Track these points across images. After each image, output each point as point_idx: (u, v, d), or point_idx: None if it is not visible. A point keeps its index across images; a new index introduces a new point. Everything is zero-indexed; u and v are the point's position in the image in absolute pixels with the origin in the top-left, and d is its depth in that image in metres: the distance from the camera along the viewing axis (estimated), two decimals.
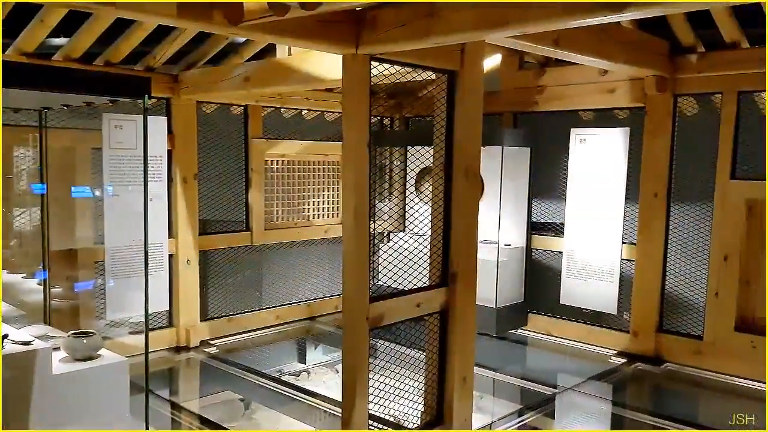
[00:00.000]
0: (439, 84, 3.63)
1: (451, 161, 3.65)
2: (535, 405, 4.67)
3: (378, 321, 3.41)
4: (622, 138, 5.54)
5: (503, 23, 2.71)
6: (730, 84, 4.88)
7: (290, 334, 6.49)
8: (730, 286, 5.02)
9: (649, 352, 5.41)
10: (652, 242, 5.36)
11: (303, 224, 6.78)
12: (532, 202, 6.29)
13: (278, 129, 6.51)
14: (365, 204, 3.30)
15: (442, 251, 3.70)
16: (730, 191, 4.99)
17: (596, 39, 4.07)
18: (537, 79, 5.90)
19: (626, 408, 4.83)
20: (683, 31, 4.79)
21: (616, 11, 2.37)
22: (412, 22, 2.94)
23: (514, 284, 6.25)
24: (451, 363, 3.72)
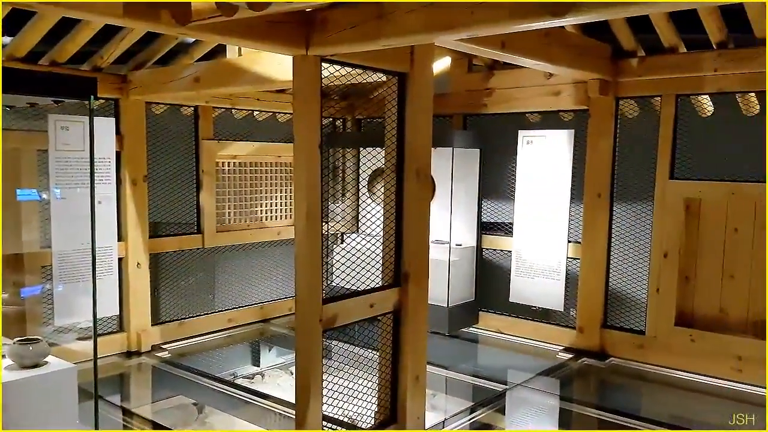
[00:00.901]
0: (390, 86, 3.66)
1: (403, 162, 3.68)
2: (487, 401, 4.75)
3: (331, 322, 3.42)
4: (567, 139, 5.69)
5: (451, 26, 2.77)
6: (669, 87, 5.06)
7: (244, 337, 6.44)
8: (670, 283, 5.20)
9: (595, 348, 5.56)
10: (596, 241, 5.52)
11: (256, 226, 6.74)
12: (482, 202, 6.41)
13: (230, 130, 6.46)
14: (317, 205, 3.30)
15: (395, 252, 3.73)
16: (669, 191, 5.17)
17: (541, 43, 4.18)
18: (485, 82, 6.02)
19: (573, 402, 4.97)
20: (624, 36, 4.96)
21: (559, 16, 2.44)
22: (362, 24, 2.97)
23: (466, 283, 6.35)
24: (404, 362, 3.76)
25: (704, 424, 4.38)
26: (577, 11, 2.41)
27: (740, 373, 4.91)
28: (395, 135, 3.67)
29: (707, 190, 5.05)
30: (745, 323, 5.03)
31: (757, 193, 4.84)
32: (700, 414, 4.66)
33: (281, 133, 6.78)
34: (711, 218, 5.15)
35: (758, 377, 4.82)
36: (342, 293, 3.58)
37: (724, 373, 4.98)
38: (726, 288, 5.11)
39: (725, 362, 4.96)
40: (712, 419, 4.52)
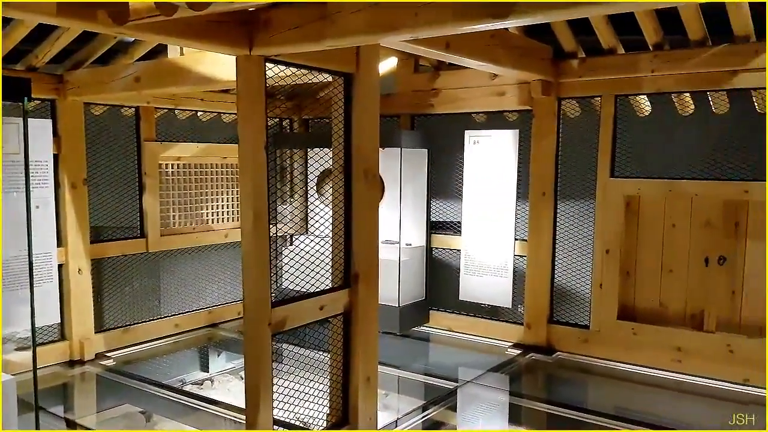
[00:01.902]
0: (336, 86, 3.66)
1: (350, 163, 3.68)
2: (438, 399, 4.78)
3: (281, 325, 3.39)
4: (512, 139, 5.79)
5: (395, 27, 2.78)
6: (608, 88, 5.19)
7: (191, 343, 6.32)
8: (612, 278, 5.35)
9: (542, 343, 5.67)
10: (542, 238, 5.63)
11: (202, 229, 6.62)
12: (431, 202, 6.46)
13: (173, 131, 6.32)
14: (264, 207, 3.27)
15: (344, 253, 3.73)
16: (609, 189, 5.31)
17: (485, 44, 4.24)
18: (432, 82, 6.06)
19: (522, 397, 5.04)
20: (565, 38, 5.07)
21: (500, 18, 2.48)
22: (306, 24, 2.95)
23: (416, 283, 6.39)
24: (355, 363, 3.76)
25: (647, 415, 4.52)
26: (518, 13, 2.45)
27: (680, 363, 5.09)
28: (342, 135, 3.67)
29: (646, 187, 5.20)
30: (683, 316, 5.23)
31: (692, 190, 5.01)
32: (642, 405, 4.80)
33: (226, 134, 6.68)
34: (650, 215, 5.32)
35: (696, 367, 5.01)
36: (292, 296, 3.55)
37: (664, 364, 5.15)
38: (665, 282, 5.29)
39: (665, 354, 5.13)
40: (655, 409, 4.67)
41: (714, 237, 5.04)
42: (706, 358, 4.97)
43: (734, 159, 4.95)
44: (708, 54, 4.65)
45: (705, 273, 5.08)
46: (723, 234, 5.00)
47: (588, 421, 4.45)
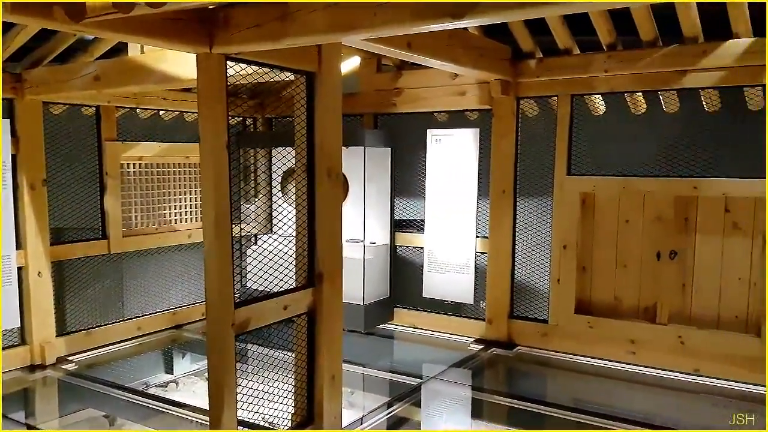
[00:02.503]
0: (298, 85, 3.68)
1: (313, 162, 3.70)
2: (403, 396, 4.83)
3: (244, 326, 3.39)
4: (472, 138, 5.88)
5: (355, 27, 2.82)
6: (564, 88, 5.30)
7: (155, 345, 6.26)
8: (570, 273, 5.46)
9: (503, 338, 5.77)
10: (502, 235, 5.72)
11: (164, 229, 6.56)
12: (395, 200, 6.51)
13: (134, 130, 6.25)
14: (226, 207, 3.27)
15: (308, 252, 3.74)
16: (566, 186, 5.42)
17: (445, 44, 4.32)
18: (394, 82, 6.13)
19: (484, 392, 5.13)
20: (523, 38, 5.17)
21: (458, 17, 2.54)
22: (266, 23, 2.98)
23: (380, 281, 6.44)
24: (319, 362, 3.78)
25: (602, 406, 4.65)
26: (475, 13, 2.51)
27: (634, 355, 5.23)
28: (305, 134, 3.68)
29: (601, 185, 5.33)
30: (636, 309, 5.38)
31: (644, 187, 5.16)
32: (599, 396, 4.94)
33: (189, 133, 6.63)
34: (605, 211, 5.46)
35: (649, 359, 5.16)
36: (256, 296, 3.55)
37: (619, 356, 5.28)
38: (619, 276, 5.44)
39: (620, 346, 5.28)
40: (610, 401, 4.81)
41: (665, 232, 5.20)
42: (658, 350, 5.12)
43: (684, 156, 5.11)
44: (659, 54, 4.79)
45: (657, 267, 5.24)
46: (674, 229, 5.16)
47: (547, 413, 4.56)
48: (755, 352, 4.73)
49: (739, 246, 4.95)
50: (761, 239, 4.82)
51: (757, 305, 4.83)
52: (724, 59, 4.58)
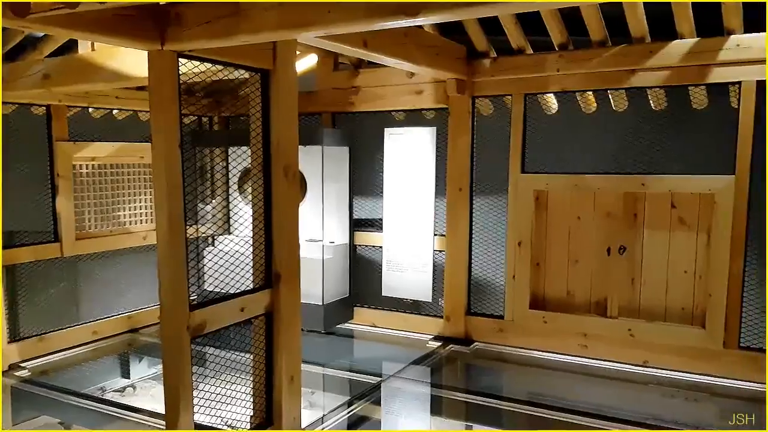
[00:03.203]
0: (253, 83, 3.65)
1: (270, 161, 3.68)
2: (363, 394, 4.84)
3: (200, 329, 3.36)
4: (429, 137, 5.93)
5: (308, 24, 2.83)
6: (518, 87, 5.38)
7: (112, 349, 6.13)
8: (524, 269, 5.55)
9: (460, 335, 5.84)
10: (459, 233, 5.79)
11: (119, 231, 6.43)
12: (354, 199, 6.52)
13: (87, 130, 6.11)
14: (180, 208, 3.23)
15: (265, 252, 3.72)
16: (521, 184, 5.51)
17: (401, 42, 4.36)
18: (352, 80, 6.14)
19: (443, 388, 5.18)
20: (477, 37, 5.24)
21: (411, 15, 2.57)
22: (218, 20, 2.96)
23: (340, 280, 6.44)
24: (278, 364, 3.76)
25: (556, 399, 4.75)
26: (428, 11, 2.55)
27: (586, 348, 5.35)
28: (261, 133, 3.66)
29: (553, 182, 5.43)
30: (588, 303, 5.51)
31: (595, 184, 5.28)
32: (552, 389, 5.04)
33: (143, 133, 6.51)
34: (557, 208, 5.58)
35: (601, 352, 5.29)
36: (211, 298, 3.51)
37: (572, 349, 5.40)
38: (572, 272, 5.56)
39: (573, 340, 5.39)
40: (563, 393, 4.91)
41: (615, 228, 5.34)
42: (609, 343, 5.25)
43: (632, 154, 5.26)
44: (608, 54, 4.92)
45: (607, 262, 5.38)
46: (623, 225, 5.30)
47: (504, 408, 4.64)
48: (701, 342, 4.90)
49: (684, 240, 5.12)
50: (706, 234, 4.99)
51: (702, 297, 5.00)
52: (669, 59, 4.74)
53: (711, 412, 4.68)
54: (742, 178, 4.63)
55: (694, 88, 4.94)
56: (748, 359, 4.76)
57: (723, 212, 4.72)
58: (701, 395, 4.76)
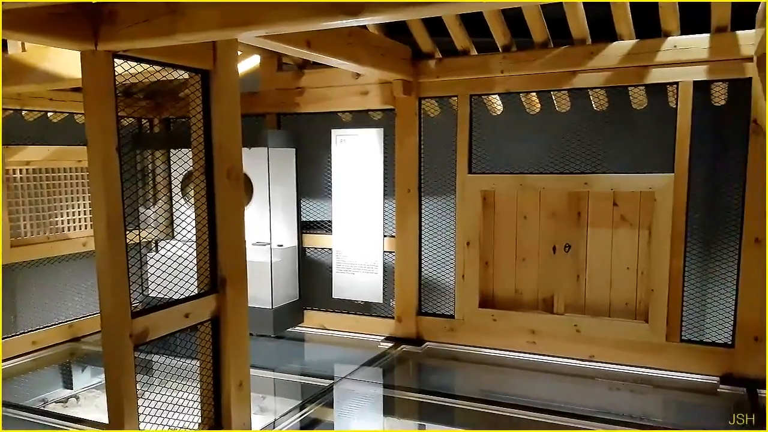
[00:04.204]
0: (193, 83, 3.57)
1: (212, 163, 3.60)
2: (315, 397, 4.79)
3: (143, 336, 3.26)
4: (377, 138, 5.91)
5: (248, 23, 2.76)
6: (464, 88, 5.41)
7: (52, 359, 5.91)
8: (473, 268, 5.58)
9: (412, 335, 5.84)
10: (408, 234, 5.79)
11: (57, 238, 6.20)
12: (301, 201, 6.46)
13: (20, 133, 5.86)
14: (118, 212, 3.13)
15: (210, 257, 3.64)
16: (468, 184, 5.54)
17: (345, 43, 4.32)
18: (296, 81, 6.08)
19: (395, 389, 5.18)
20: (422, 38, 5.24)
21: (353, 15, 2.54)
22: (154, 18, 2.87)
23: (289, 283, 6.36)
24: (226, 369, 3.69)
25: (507, 395, 4.81)
26: (370, 12, 2.53)
27: (534, 345, 5.43)
28: (202, 135, 3.58)
29: (500, 182, 5.48)
30: (536, 300, 5.60)
31: (540, 184, 5.35)
32: (502, 386, 5.11)
33: (81, 136, 6.28)
34: (504, 208, 5.65)
35: (549, 348, 5.37)
36: (154, 305, 3.42)
37: (521, 346, 5.46)
38: (519, 270, 5.64)
39: (522, 337, 5.46)
40: (513, 390, 4.98)
41: (560, 226, 5.44)
42: (556, 339, 5.34)
43: (576, 154, 5.36)
44: (550, 56, 5.00)
45: (553, 260, 5.48)
46: (568, 223, 5.41)
47: (456, 406, 4.67)
48: (644, 336, 5.03)
49: (626, 237, 5.25)
50: (647, 231, 5.13)
51: (645, 293, 5.14)
52: (609, 60, 4.84)
53: (655, 404, 4.81)
54: (681, 176, 4.77)
55: (633, 88, 5.06)
56: (689, 352, 4.91)
57: (663, 210, 4.85)
58: (645, 387, 4.89)
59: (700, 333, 5.13)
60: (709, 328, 5.11)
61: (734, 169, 4.84)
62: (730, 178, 4.95)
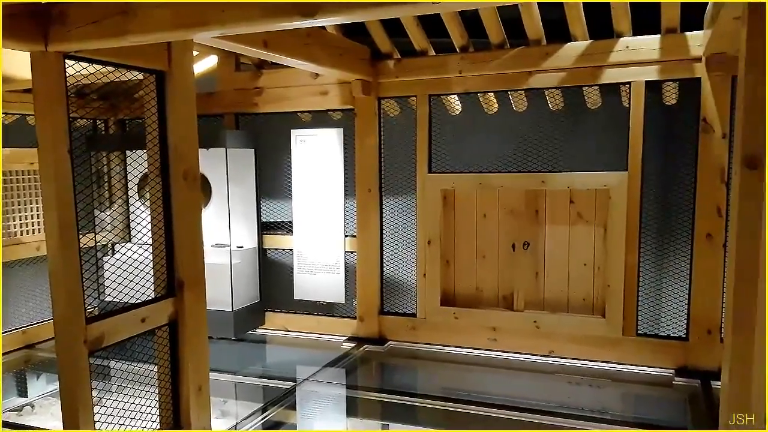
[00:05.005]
0: (148, 84, 3.52)
1: (168, 165, 3.55)
2: (277, 400, 4.76)
3: (98, 342, 3.20)
4: (337, 138, 5.90)
5: (202, 23, 2.74)
6: (422, 88, 5.44)
7: (6, 367, 5.72)
8: (435, 267, 5.62)
9: (374, 334, 5.85)
10: (370, 234, 5.79)
11: (10, 242, 6.02)
12: (261, 202, 6.40)
13: None
14: (71, 215, 3.07)
15: (166, 260, 3.59)
16: (428, 184, 5.57)
17: (303, 43, 4.31)
18: (255, 81, 6.02)
19: (358, 389, 5.19)
20: (380, 39, 5.25)
21: (309, 16, 2.54)
22: (106, 19, 2.82)
23: (250, 285, 6.30)
24: (185, 374, 3.64)
25: (469, 392, 4.86)
26: (325, 12, 2.53)
27: (495, 342, 5.49)
28: (158, 136, 3.53)
29: (459, 181, 5.52)
30: (496, 298, 5.66)
31: (499, 182, 5.41)
32: (464, 383, 5.15)
33: (33, 138, 6.11)
34: (464, 206, 5.69)
35: (509, 344, 5.43)
36: (110, 310, 3.36)
37: (483, 343, 5.52)
38: (480, 268, 5.69)
39: (483, 334, 5.51)
40: (475, 387, 5.02)
41: (519, 224, 5.51)
42: (517, 335, 5.41)
43: (533, 153, 5.44)
44: (507, 56, 5.06)
45: (513, 257, 5.55)
46: (526, 221, 5.48)
47: (419, 405, 4.69)
48: (602, 331, 5.14)
49: (583, 234, 5.35)
50: (603, 227, 5.24)
51: (601, 288, 5.24)
52: (564, 61, 4.93)
53: (613, 397, 4.92)
54: (635, 174, 4.89)
55: (588, 88, 5.16)
56: (645, 346, 5.03)
57: (617, 207, 4.96)
58: (604, 381, 4.99)
59: (656, 327, 5.26)
60: (665, 322, 5.25)
61: (686, 166, 4.98)
62: (681, 176, 5.10)
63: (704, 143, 4.68)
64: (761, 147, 2.36)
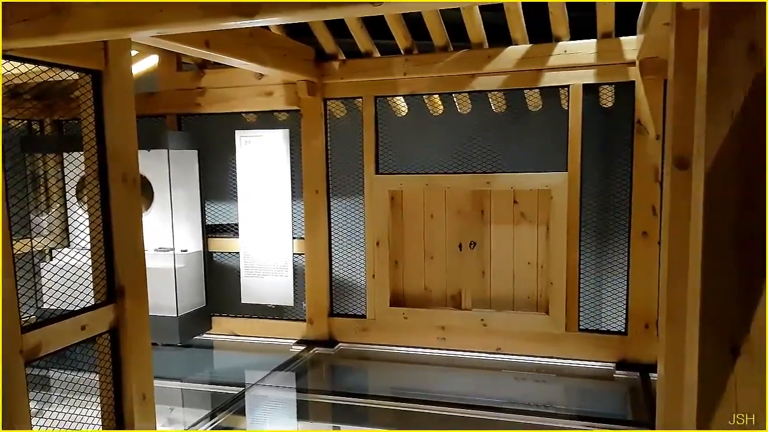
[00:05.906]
0: (84, 84, 3.41)
1: (106, 167, 3.45)
2: (225, 405, 4.69)
3: (35, 352, 3.06)
4: (282, 139, 5.86)
5: (138, 23, 2.66)
6: (368, 89, 5.46)
7: None
8: (384, 268, 5.64)
9: (324, 336, 5.83)
10: (318, 235, 5.78)
11: None
12: (206, 205, 6.29)
13: None
14: (3, 219, 2.94)
15: (106, 265, 3.48)
16: (376, 185, 5.59)
17: (246, 43, 4.27)
18: (197, 81, 5.92)
19: (308, 392, 5.15)
20: (325, 40, 5.24)
21: (249, 17, 2.49)
22: (38, 17, 2.71)
23: (195, 289, 6.18)
24: (128, 382, 3.54)
25: (419, 391, 4.88)
26: (266, 13, 2.49)
27: (444, 341, 5.56)
28: (95, 138, 3.42)
29: (407, 182, 5.57)
30: (444, 297, 5.73)
31: (445, 183, 5.48)
32: (414, 383, 5.18)
33: None
34: (412, 207, 5.74)
35: (458, 343, 5.51)
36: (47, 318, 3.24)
37: (432, 342, 5.58)
38: (428, 268, 5.75)
39: (432, 333, 5.57)
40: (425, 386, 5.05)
41: (465, 224, 5.59)
42: (465, 333, 5.49)
43: (478, 154, 5.52)
44: (451, 59, 5.12)
45: (460, 257, 5.62)
46: (472, 221, 5.57)
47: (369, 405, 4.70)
48: (546, 327, 5.26)
49: (526, 233, 5.46)
50: (545, 227, 5.36)
51: (545, 286, 5.36)
52: (506, 64, 5.02)
53: (558, 391, 5.03)
54: (574, 174, 5.02)
55: (529, 91, 5.27)
56: (587, 340, 5.17)
57: (558, 206, 5.08)
58: (548, 376, 5.10)
59: (598, 322, 5.41)
60: (606, 317, 5.40)
61: (622, 166, 5.14)
62: (618, 176, 5.26)
63: (639, 144, 4.84)
64: (690, 148, 2.45)
